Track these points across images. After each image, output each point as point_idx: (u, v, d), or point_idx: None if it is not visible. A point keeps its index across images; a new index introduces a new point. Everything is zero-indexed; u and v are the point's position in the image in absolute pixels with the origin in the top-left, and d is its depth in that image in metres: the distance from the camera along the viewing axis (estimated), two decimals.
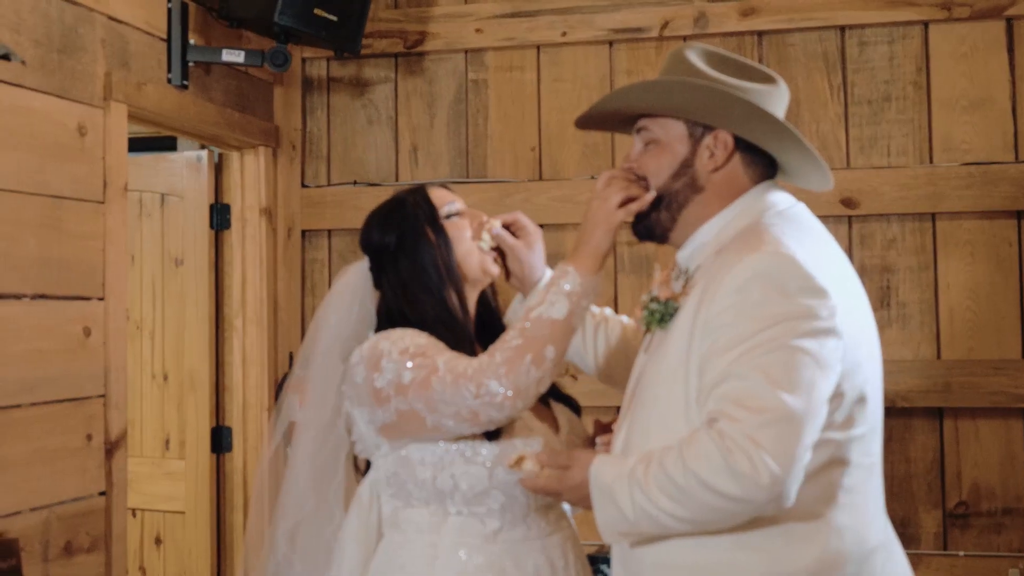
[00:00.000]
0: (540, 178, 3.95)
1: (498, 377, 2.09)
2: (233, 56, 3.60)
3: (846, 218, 3.73)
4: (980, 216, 3.64)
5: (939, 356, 3.66)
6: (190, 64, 3.54)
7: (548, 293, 2.14)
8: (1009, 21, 3.68)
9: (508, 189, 3.95)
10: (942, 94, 3.72)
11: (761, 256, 1.90)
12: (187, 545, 3.99)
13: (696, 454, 1.82)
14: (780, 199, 2.09)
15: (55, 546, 2.93)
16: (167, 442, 4.07)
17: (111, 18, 3.21)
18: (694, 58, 2.09)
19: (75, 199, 3.04)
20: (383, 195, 3.94)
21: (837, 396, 1.91)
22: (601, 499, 1.94)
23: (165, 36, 3.47)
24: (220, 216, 3.99)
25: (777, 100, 2.09)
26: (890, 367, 2.21)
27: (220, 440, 3.97)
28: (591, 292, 2.15)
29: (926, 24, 3.74)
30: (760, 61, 3.84)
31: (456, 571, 2.24)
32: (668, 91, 2.07)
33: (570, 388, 3.92)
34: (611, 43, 3.96)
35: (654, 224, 2.13)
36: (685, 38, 3.88)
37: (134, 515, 4.05)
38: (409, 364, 2.18)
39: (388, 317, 2.35)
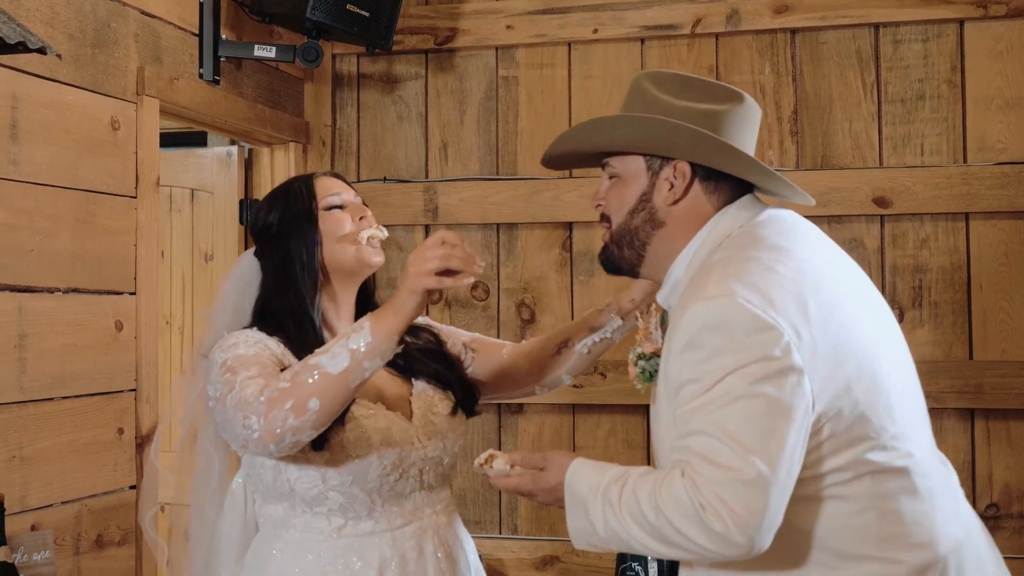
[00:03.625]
0: (570, 175, 3.94)
1: (257, 414, 2.04)
2: (264, 52, 3.60)
3: (878, 217, 3.71)
4: (1014, 216, 3.60)
5: (971, 357, 3.63)
6: (221, 59, 3.55)
7: (335, 344, 2.07)
8: None
9: (538, 186, 3.94)
10: (977, 93, 3.69)
11: (704, 305, 1.86)
12: None
13: (669, 500, 1.81)
14: (738, 219, 2.03)
15: (87, 539, 2.94)
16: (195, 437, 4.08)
17: (144, 13, 3.22)
18: (650, 86, 2.06)
19: (108, 193, 3.05)
20: (412, 192, 4.02)
21: (829, 420, 1.87)
22: (574, 508, 1.94)
23: (197, 31, 3.48)
24: (250, 212, 3.99)
25: (741, 119, 2.04)
26: (922, 367, 2.18)
27: None
28: (380, 354, 2.06)
29: (961, 22, 3.70)
30: (793, 59, 3.82)
31: (298, 566, 2.25)
32: (613, 127, 2.05)
33: (598, 385, 3.91)
34: (643, 40, 3.94)
35: (618, 260, 2.11)
36: (717, 35, 3.87)
37: (163, 510, 4.05)
38: (220, 378, 2.16)
39: (255, 310, 2.36)
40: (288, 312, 2.30)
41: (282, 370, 2.17)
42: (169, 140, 3.81)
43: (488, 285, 4.01)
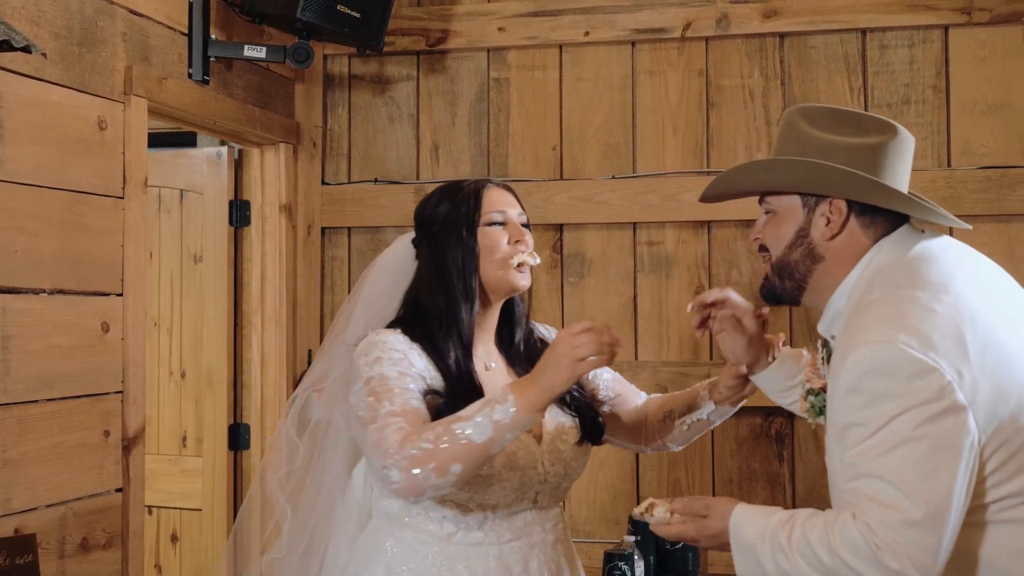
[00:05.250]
0: (561, 177, 3.94)
1: (399, 468, 2.11)
2: (255, 52, 3.60)
3: None
4: (996, 219, 3.62)
5: None
6: (211, 59, 3.55)
7: (480, 412, 2.12)
8: None
9: (528, 188, 3.94)
10: (961, 98, 3.70)
11: (865, 351, 1.89)
12: (203, 543, 3.99)
13: (844, 542, 1.85)
14: (895, 253, 2.06)
15: (71, 542, 2.94)
16: (184, 439, 4.08)
17: (132, 11, 3.22)
18: (801, 122, 2.11)
19: (95, 194, 3.05)
20: (403, 193, 4.03)
21: (997, 451, 1.90)
22: (742, 554, 1.98)
23: (186, 31, 3.47)
24: (240, 213, 3.99)
25: (895, 151, 2.08)
26: None
27: (237, 437, 3.97)
28: (521, 427, 2.13)
29: (946, 28, 3.72)
30: (781, 63, 3.83)
31: (406, 565, 2.31)
32: (767, 171, 2.13)
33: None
34: (633, 43, 3.95)
35: (780, 292, 2.17)
36: (707, 39, 3.87)
37: (150, 512, 4.06)
38: (364, 399, 2.22)
39: (407, 298, 2.42)
40: (437, 316, 2.36)
41: (425, 393, 2.27)
42: (158, 140, 3.81)
43: None
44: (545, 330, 2.63)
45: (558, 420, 2.42)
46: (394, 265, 2.48)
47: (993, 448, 1.90)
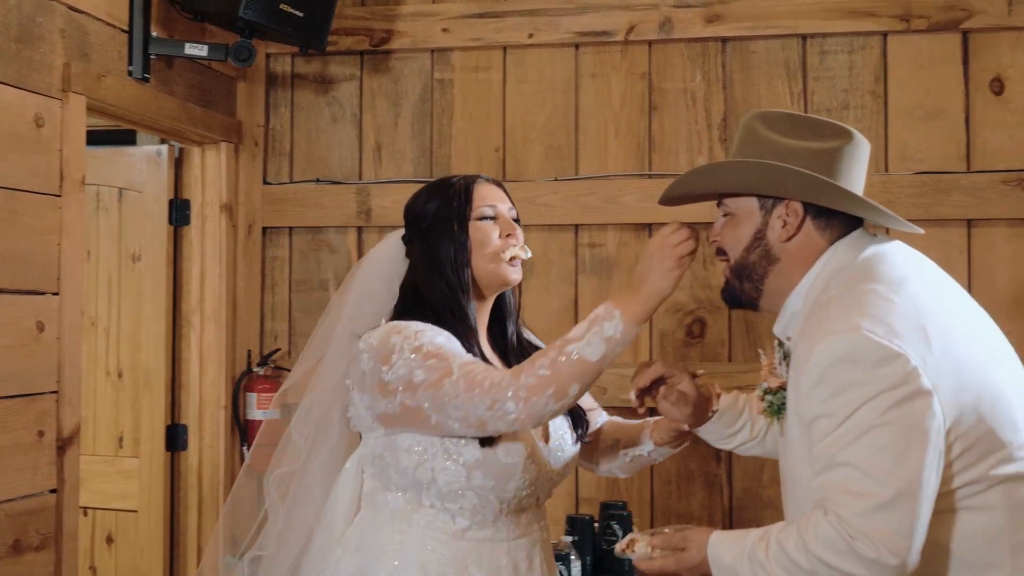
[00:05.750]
0: (504, 179, 3.95)
1: (516, 399, 2.15)
2: (196, 50, 3.57)
3: None
4: (932, 224, 3.66)
5: None
6: (152, 57, 3.51)
7: (589, 331, 2.18)
8: (965, 34, 3.72)
9: None
10: (899, 104, 3.76)
11: (830, 341, 1.93)
12: (139, 544, 3.95)
13: (818, 540, 1.88)
14: (851, 254, 2.11)
15: (3, 544, 2.89)
16: (121, 440, 4.03)
17: (71, 8, 3.18)
18: (760, 126, 2.15)
19: (31, 192, 3.00)
20: (346, 194, 4.01)
21: (959, 437, 1.95)
22: None
23: (127, 28, 3.43)
24: (179, 212, 3.95)
25: (850, 156, 2.12)
26: None
27: (175, 438, 3.93)
28: (628, 341, 2.20)
29: (885, 35, 3.78)
30: (723, 67, 3.86)
31: (420, 562, 2.30)
32: (726, 172, 2.17)
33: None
34: (577, 46, 3.96)
35: (739, 295, 2.21)
36: (650, 43, 3.90)
37: (85, 513, 4.01)
38: (423, 363, 2.24)
39: (405, 293, 2.43)
40: (445, 307, 2.38)
41: None
42: (97, 138, 3.76)
43: None
44: (528, 333, 2.64)
45: (558, 420, 2.45)
46: (385, 262, 2.49)
47: (955, 436, 1.94)
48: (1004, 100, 3.72)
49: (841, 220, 2.13)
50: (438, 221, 2.42)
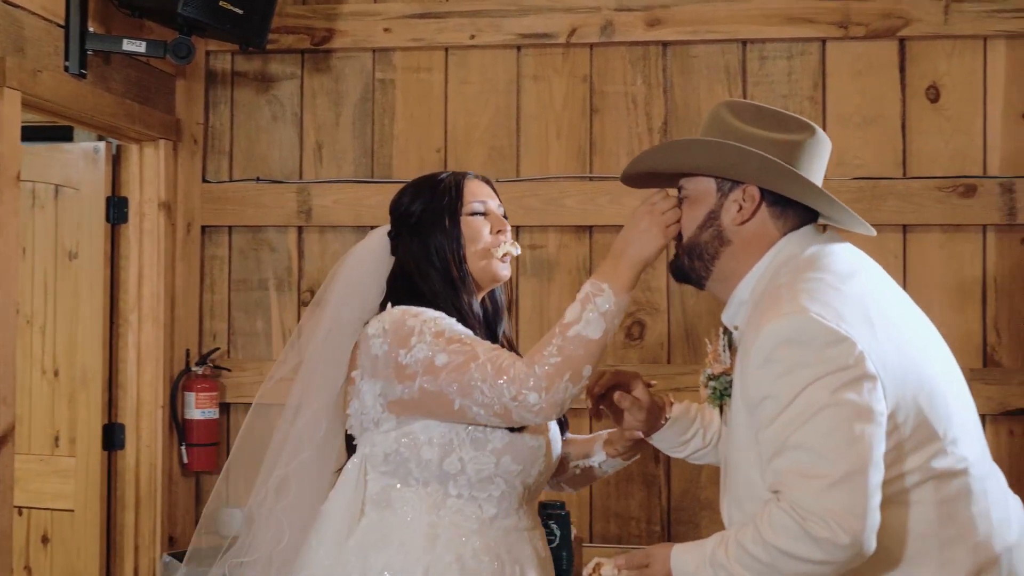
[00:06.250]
0: None
1: (538, 390, 2.17)
2: (134, 46, 3.53)
3: None
4: None
5: None
6: (89, 53, 3.47)
7: (584, 310, 2.21)
8: (902, 42, 3.79)
9: None
10: (837, 110, 3.82)
11: (779, 322, 1.96)
12: (75, 544, 3.91)
13: (773, 529, 1.91)
14: (801, 246, 2.14)
15: None
16: (57, 439, 3.98)
17: (6, 2, 3.13)
18: (727, 114, 2.18)
19: None
20: (286, 193, 4.00)
21: (896, 428, 1.98)
22: None
23: (63, 22, 3.39)
24: (117, 209, 3.91)
25: (811, 150, 2.16)
26: None
27: (112, 437, 3.89)
28: (623, 311, 2.23)
29: (824, 41, 3.83)
30: (664, 71, 3.89)
31: (456, 552, 2.30)
32: (688, 150, 2.19)
33: None
34: (519, 48, 3.97)
35: (687, 270, 2.23)
36: (592, 46, 3.92)
37: (20, 513, 3.95)
38: (446, 347, 2.24)
39: (396, 286, 2.42)
40: (442, 299, 2.37)
41: None
42: (33, 134, 3.71)
43: None
44: None
45: None
46: (369, 258, 2.49)
47: (892, 425, 1.97)
48: (940, 107, 3.79)
49: (796, 212, 2.17)
50: (429, 216, 2.42)
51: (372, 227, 3.90)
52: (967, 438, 2.09)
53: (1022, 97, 3.75)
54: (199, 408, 3.91)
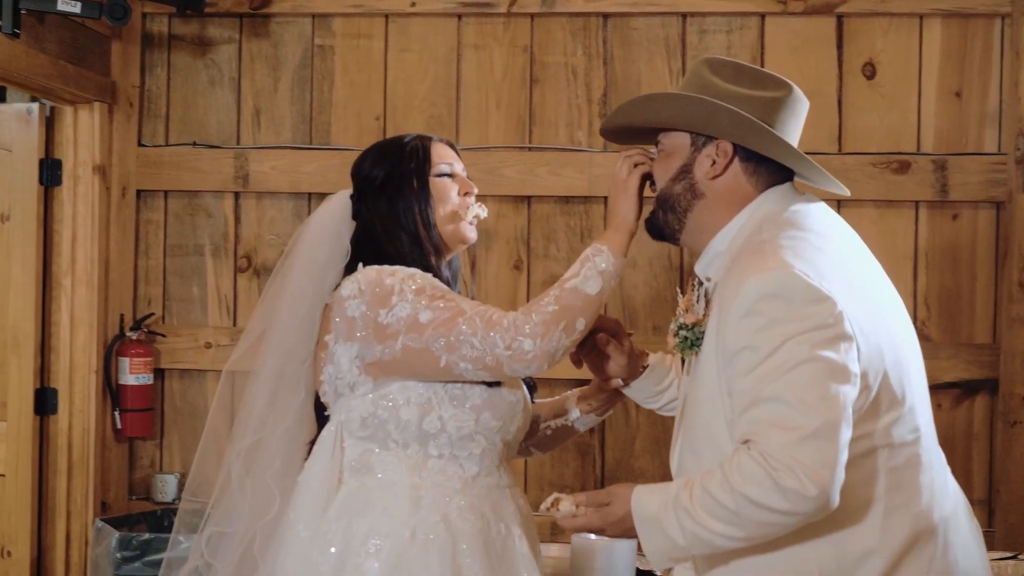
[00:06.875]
0: None
1: (533, 336, 2.22)
2: (69, 6, 3.48)
3: None
4: None
5: None
6: (23, 12, 3.40)
7: (583, 268, 2.27)
8: (840, 18, 3.82)
9: (350, 157, 3.83)
10: None
11: (763, 276, 1.98)
12: (6, 509, 3.88)
13: (742, 477, 1.92)
14: (782, 204, 2.17)
15: None
16: None
17: None
18: (705, 70, 2.20)
19: None
20: (223, 158, 3.96)
21: (864, 390, 2.00)
22: (648, 529, 2.03)
23: None
24: (51, 172, 3.86)
25: (787, 108, 2.18)
26: None
27: (45, 402, 3.86)
28: (618, 272, 2.31)
29: (763, 16, 3.84)
30: (604, 43, 3.90)
31: (442, 512, 2.31)
32: (662, 103, 2.22)
33: None
34: (460, 16, 3.96)
35: (662, 224, 2.27)
36: (533, 16, 3.91)
37: None
38: (430, 303, 2.25)
39: (361, 248, 2.41)
40: (412, 260, 2.37)
41: None
42: None
43: None
44: None
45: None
46: (330, 221, 2.48)
47: (864, 386, 2.00)
48: (875, 84, 3.83)
49: (769, 168, 2.19)
50: (396, 179, 2.43)
51: (310, 194, 3.95)
52: (922, 407, 2.15)
53: (956, 75, 3.80)
54: (133, 373, 3.89)
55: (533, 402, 2.61)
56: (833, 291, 1.98)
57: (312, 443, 2.43)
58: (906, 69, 3.81)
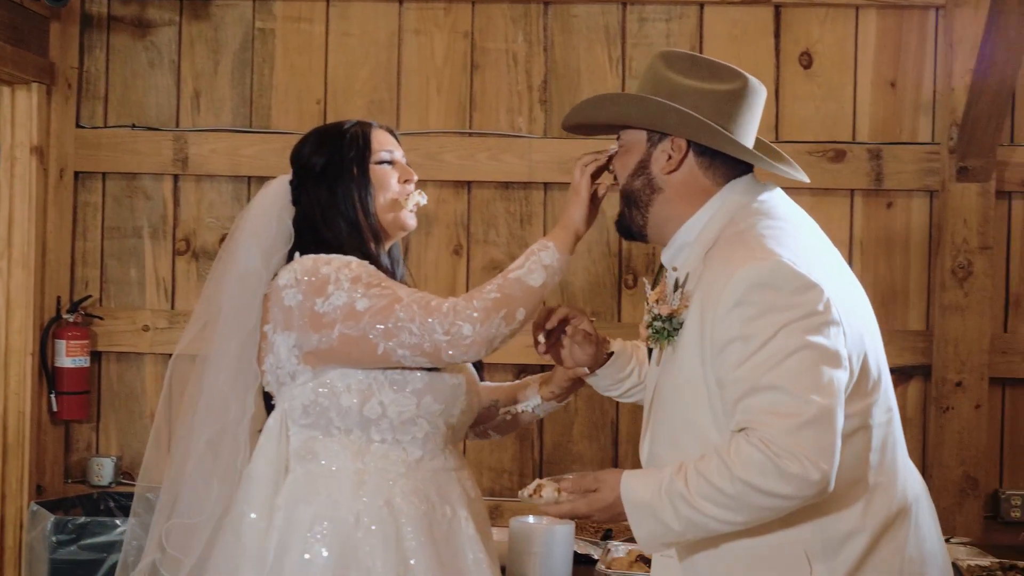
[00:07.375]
0: None
1: (472, 322, 2.24)
2: None
3: None
4: None
5: None
6: None
7: (528, 260, 2.31)
8: (778, 8, 3.86)
9: (290, 141, 3.81)
10: None
11: (752, 266, 2.01)
12: None
13: (743, 463, 1.94)
14: (748, 195, 2.21)
15: None
16: None
17: None
18: (661, 65, 2.24)
19: None
20: (162, 140, 3.95)
21: (851, 374, 2.04)
22: (640, 515, 2.04)
23: None
24: None
25: (743, 99, 2.22)
26: None
27: None
28: (562, 269, 2.35)
29: (702, 5, 3.88)
30: (544, 31, 3.91)
31: (385, 496, 2.32)
32: (614, 104, 2.29)
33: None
34: (401, 1, 3.96)
35: (628, 221, 2.30)
36: (474, 2, 3.93)
37: None
38: (366, 291, 2.26)
39: (301, 234, 2.42)
40: (350, 248, 2.38)
41: None
42: None
43: None
44: None
45: None
46: (270, 205, 2.47)
47: (848, 371, 2.04)
48: (812, 74, 3.88)
49: (725, 162, 2.23)
50: (336, 165, 2.44)
51: (250, 177, 3.94)
52: (890, 388, 2.19)
53: (891, 66, 3.85)
54: (69, 356, 3.86)
55: (490, 385, 2.64)
56: (819, 279, 2.02)
57: (259, 432, 2.43)
58: (842, 59, 3.86)
